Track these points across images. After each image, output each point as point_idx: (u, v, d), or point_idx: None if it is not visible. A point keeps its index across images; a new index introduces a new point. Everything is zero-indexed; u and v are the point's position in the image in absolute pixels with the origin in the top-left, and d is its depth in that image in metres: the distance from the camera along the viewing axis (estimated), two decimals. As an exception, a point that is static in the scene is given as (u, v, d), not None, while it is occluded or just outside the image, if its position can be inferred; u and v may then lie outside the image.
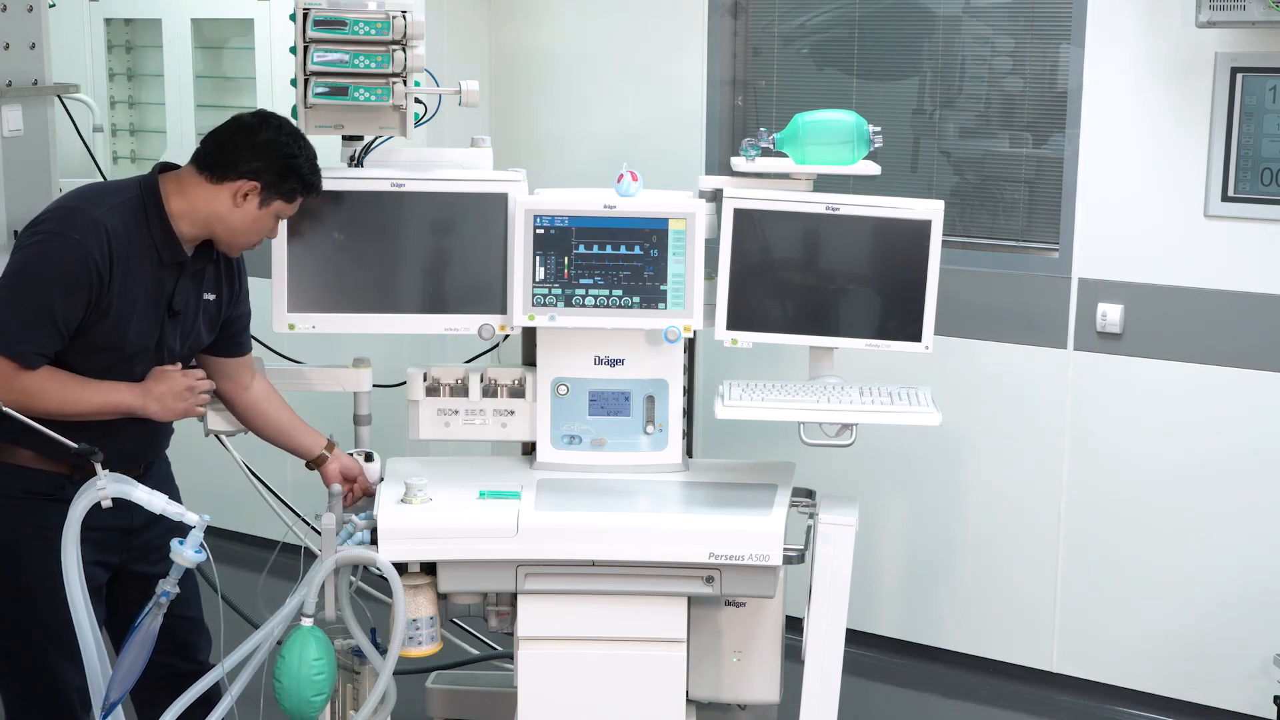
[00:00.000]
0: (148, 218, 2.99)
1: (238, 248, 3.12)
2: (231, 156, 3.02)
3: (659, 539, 3.18)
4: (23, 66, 3.97)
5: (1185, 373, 4.01)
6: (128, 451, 3.06)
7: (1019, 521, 4.29)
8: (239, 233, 3.06)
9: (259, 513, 4.43)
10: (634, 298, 3.38)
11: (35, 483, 2.90)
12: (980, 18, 4.29)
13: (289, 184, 3.06)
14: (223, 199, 3.02)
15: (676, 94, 4.62)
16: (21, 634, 3.00)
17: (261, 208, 3.04)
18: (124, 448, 3.02)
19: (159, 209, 3.00)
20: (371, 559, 3.13)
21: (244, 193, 3.02)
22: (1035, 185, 4.26)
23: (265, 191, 3.03)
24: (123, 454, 3.01)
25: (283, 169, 3.04)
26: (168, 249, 3.01)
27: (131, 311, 2.98)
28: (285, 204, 3.09)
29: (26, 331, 2.89)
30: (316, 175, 3.12)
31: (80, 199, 3.01)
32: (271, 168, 3.02)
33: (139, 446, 3.12)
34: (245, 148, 3.02)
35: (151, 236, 2.99)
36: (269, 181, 3.03)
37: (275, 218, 3.10)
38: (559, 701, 3.27)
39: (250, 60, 4.99)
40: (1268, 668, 3.92)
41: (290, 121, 3.16)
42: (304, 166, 3.07)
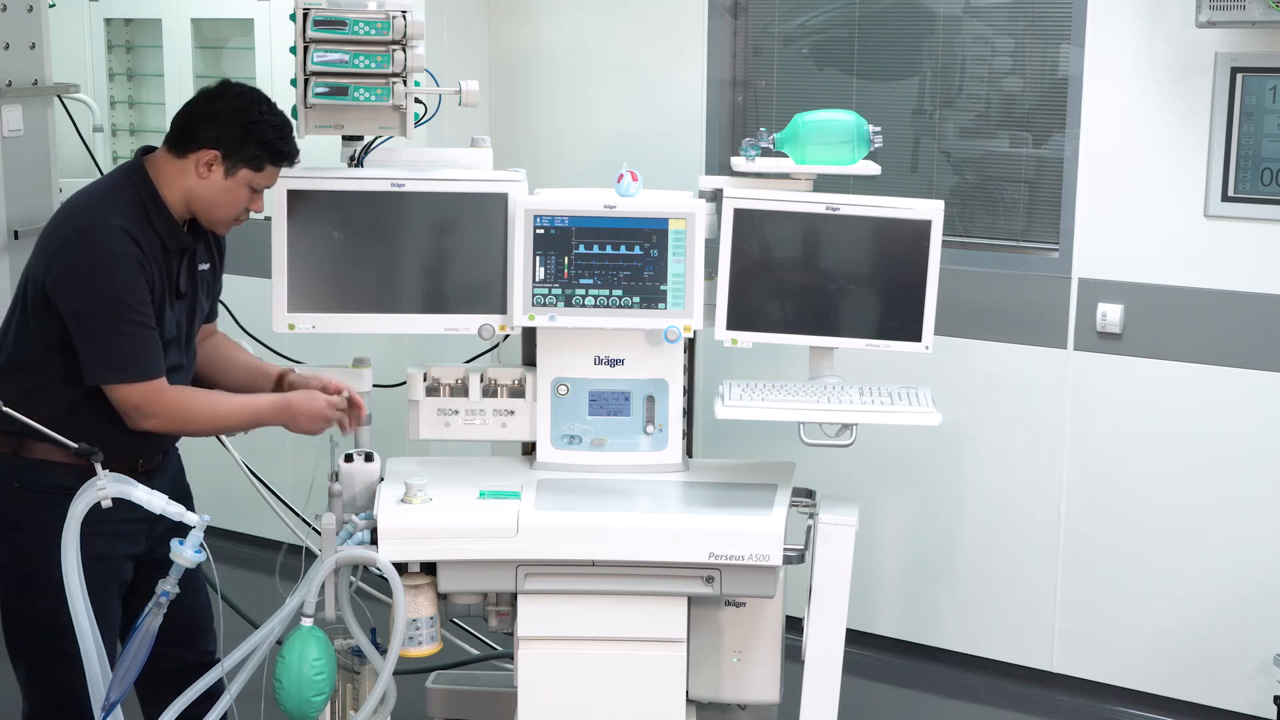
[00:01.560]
0: (147, 211, 3.00)
1: (219, 223, 3.09)
2: (192, 128, 3.02)
3: (659, 539, 3.18)
4: (23, 66, 3.98)
5: (1185, 373, 4.01)
6: (149, 443, 3.06)
7: (1019, 521, 4.29)
8: (212, 206, 3.03)
9: (259, 513, 4.43)
10: (634, 298, 3.38)
11: (66, 478, 2.89)
12: (980, 17, 4.29)
13: (250, 149, 3.01)
14: (189, 172, 3.01)
15: (676, 94, 4.62)
16: (51, 628, 2.98)
17: (227, 177, 3.01)
18: (145, 441, 3.04)
19: (155, 199, 3.01)
20: (371, 559, 3.13)
21: (205, 162, 3.00)
22: (1035, 185, 4.27)
23: (227, 160, 3.00)
24: (144, 446, 3.04)
25: (241, 134, 3.00)
26: (172, 238, 3.02)
27: (161, 309, 3.00)
28: (253, 172, 3.03)
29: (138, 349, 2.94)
30: (285, 141, 3.07)
31: (89, 214, 2.99)
32: (230, 134, 3.00)
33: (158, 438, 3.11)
34: (204, 117, 3.02)
35: (154, 228, 3.00)
36: (229, 149, 3.00)
37: (249, 189, 3.05)
38: (559, 701, 3.26)
39: (250, 60, 4.99)
40: (1268, 668, 3.92)
41: (258, 90, 3.13)
42: (266, 131, 3.03)
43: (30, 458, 2.99)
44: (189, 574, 2.89)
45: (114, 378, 2.94)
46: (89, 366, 2.94)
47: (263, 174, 3.07)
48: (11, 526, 3.03)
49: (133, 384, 2.94)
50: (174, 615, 2.90)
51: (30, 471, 3.00)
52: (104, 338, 2.93)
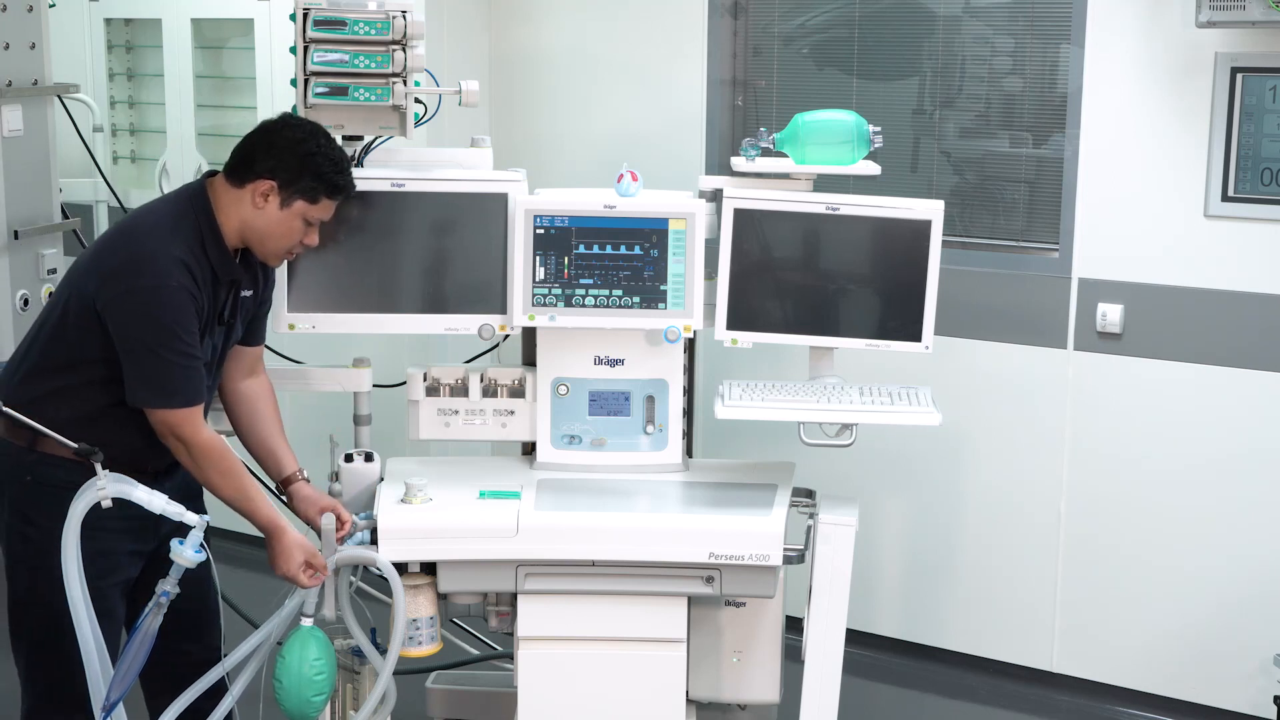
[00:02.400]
0: (204, 240, 3.02)
1: (273, 255, 3.11)
2: (250, 158, 3.04)
3: (659, 539, 3.18)
4: (23, 66, 3.98)
5: (1185, 373, 4.01)
6: (157, 450, 3.06)
7: (1019, 521, 4.29)
8: (266, 237, 3.06)
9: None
10: (634, 298, 3.38)
11: (79, 474, 2.89)
12: (980, 18, 4.29)
13: (305, 181, 3.03)
14: (245, 202, 3.03)
15: (676, 94, 4.62)
16: (58, 623, 2.97)
17: (283, 208, 3.03)
18: (153, 447, 3.04)
19: (214, 229, 3.03)
20: (371, 559, 3.13)
21: (262, 192, 3.02)
22: (1035, 185, 4.26)
23: (283, 190, 3.02)
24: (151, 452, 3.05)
25: (298, 166, 3.03)
26: (224, 269, 3.05)
27: (206, 330, 3.03)
28: (308, 204, 3.06)
29: (185, 379, 2.97)
30: (342, 175, 3.09)
31: (150, 243, 2.99)
32: (286, 165, 3.02)
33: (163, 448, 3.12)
34: (263, 147, 3.04)
35: (209, 258, 3.02)
36: (285, 179, 3.02)
37: (303, 220, 3.07)
38: (559, 701, 3.27)
39: (250, 60, 4.99)
40: (1268, 668, 3.92)
41: (318, 124, 3.15)
42: (323, 164, 3.05)
43: (42, 452, 3.00)
44: (196, 571, 2.89)
45: (158, 403, 2.97)
46: (133, 389, 2.97)
47: (318, 207, 3.08)
48: (23, 519, 3.04)
49: (174, 410, 2.97)
50: (183, 610, 2.91)
51: (42, 466, 3.01)
52: (152, 364, 2.95)
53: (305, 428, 4.78)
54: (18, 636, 3.10)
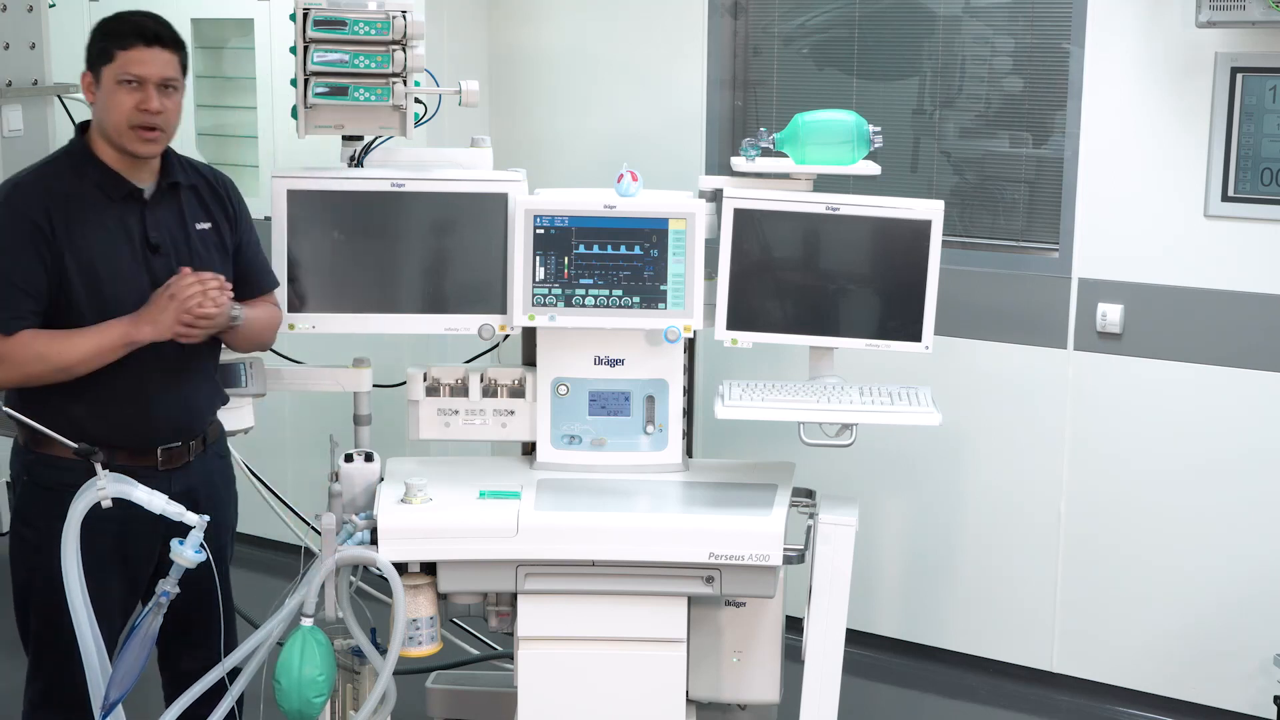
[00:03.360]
0: (78, 167, 3.00)
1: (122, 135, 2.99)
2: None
3: (659, 539, 3.18)
4: (23, 66, 3.98)
5: (1185, 373, 4.01)
6: (164, 422, 3.06)
7: (1019, 521, 4.29)
8: (106, 124, 2.99)
9: (259, 513, 4.43)
10: (634, 298, 3.38)
11: (78, 475, 2.89)
12: (980, 18, 4.29)
13: (96, 48, 3.01)
14: (93, 112, 3.03)
15: (676, 94, 4.62)
16: (58, 621, 2.97)
17: (101, 86, 2.99)
18: (157, 417, 3.04)
19: (88, 154, 3.01)
20: (371, 559, 3.13)
21: (86, 87, 3.03)
22: (1035, 185, 4.26)
23: (92, 70, 3.01)
24: (158, 425, 3.04)
25: (90, 44, 3.02)
26: (110, 185, 3.00)
27: (96, 257, 2.96)
28: (109, 65, 2.97)
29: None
30: (121, 22, 3.01)
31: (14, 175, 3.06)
32: (87, 50, 3.02)
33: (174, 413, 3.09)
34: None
35: (90, 180, 2.99)
36: (89, 61, 3.01)
37: (119, 84, 2.97)
38: (559, 701, 3.27)
39: (250, 60, 4.99)
40: (1268, 668, 3.92)
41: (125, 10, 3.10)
42: (107, 24, 3.02)
43: (41, 453, 3.00)
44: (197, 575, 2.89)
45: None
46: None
47: (117, 63, 2.97)
48: (21, 519, 3.05)
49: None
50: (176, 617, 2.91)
51: (40, 466, 3.01)
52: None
53: (305, 428, 4.79)
54: (25, 631, 3.13)
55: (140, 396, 3.01)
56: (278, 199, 3.38)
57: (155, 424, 3.06)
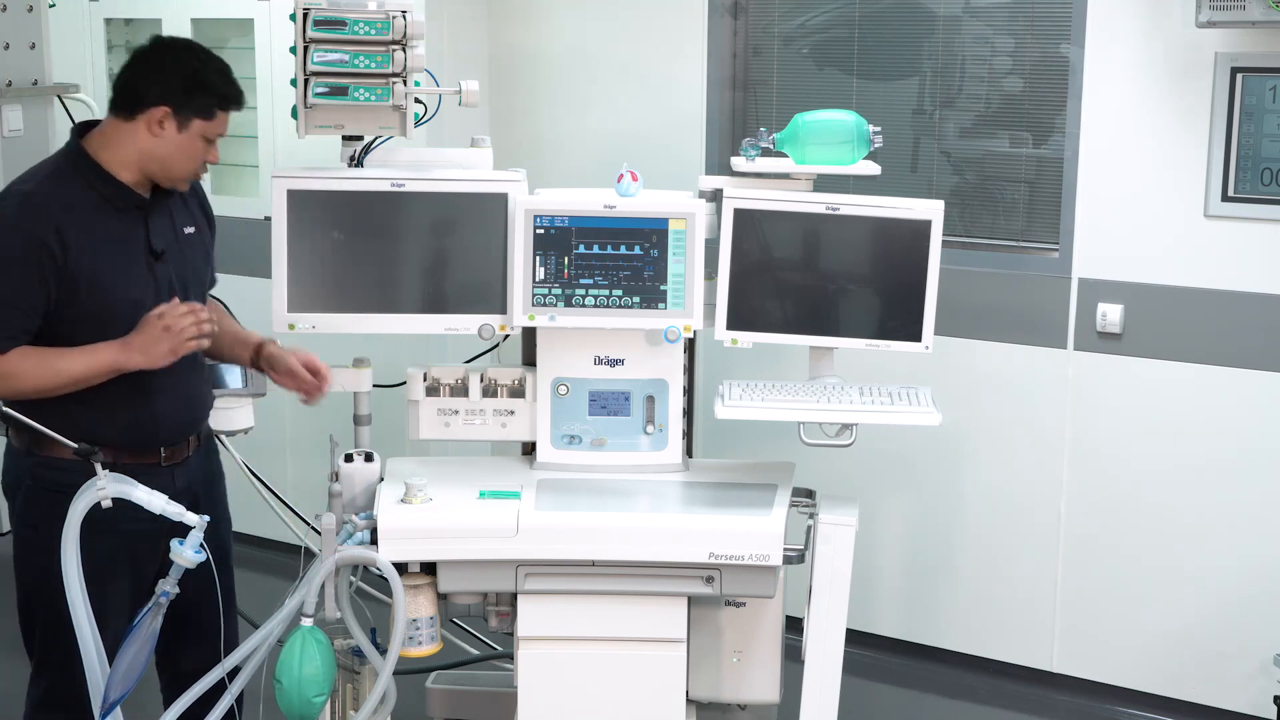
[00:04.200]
0: (84, 177, 2.98)
1: (178, 179, 3.04)
2: (137, 89, 2.98)
3: (659, 539, 3.18)
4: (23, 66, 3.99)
5: (1185, 373, 4.01)
6: (168, 421, 3.07)
7: (1019, 521, 4.29)
8: (170, 162, 3.00)
9: (259, 513, 4.43)
10: (634, 298, 3.38)
11: (80, 476, 2.89)
12: (980, 18, 4.29)
13: (198, 99, 2.98)
14: (141, 135, 2.97)
15: (676, 94, 4.62)
16: (61, 623, 2.97)
17: (181, 131, 2.98)
18: (162, 417, 3.05)
19: (92, 165, 2.98)
20: (371, 559, 3.13)
21: (157, 120, 2.97)
22: (1035, 185, 4.27)
23: (178, 114, 2.97)
24: (162, 425, 3.05)
25: (188, 86, 2.98)
26: (119, 196, 2.99)
27: (103, 269, 2.95)
28: (205, 121, 3.00)
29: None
30: (230, 86, 3.04)
31: (12, 183, 3.01)
32: (176, 87, 2.97)
33: (177, 413, 3.11)
34: (147, 76, 2.99)
35: (96, 191, 2.97)
36: (178, 102, 2.97)
37: (203, 139, 3.01)
38: (559, 701, 3.26)
39: (250, 60, 4.99)
40: (1268, 668, 3.92)
41: (191, 40, 3.12)
42: (213, 79, 3.01)
43: (44, 455, 3.00)
44: (200, 574, 2.89)
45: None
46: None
47: (215, 122, 3.02)
48: (26, 522, 3.05)
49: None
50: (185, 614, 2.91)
51: (43, 469, 3.01)
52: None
53: (305, 428, 4.79)
54: (28, 634, 3.12)
55: (141, 396, 3.02)
56: (278, 199, 3.38)
57: (158, 422, 3.07)
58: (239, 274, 4.64)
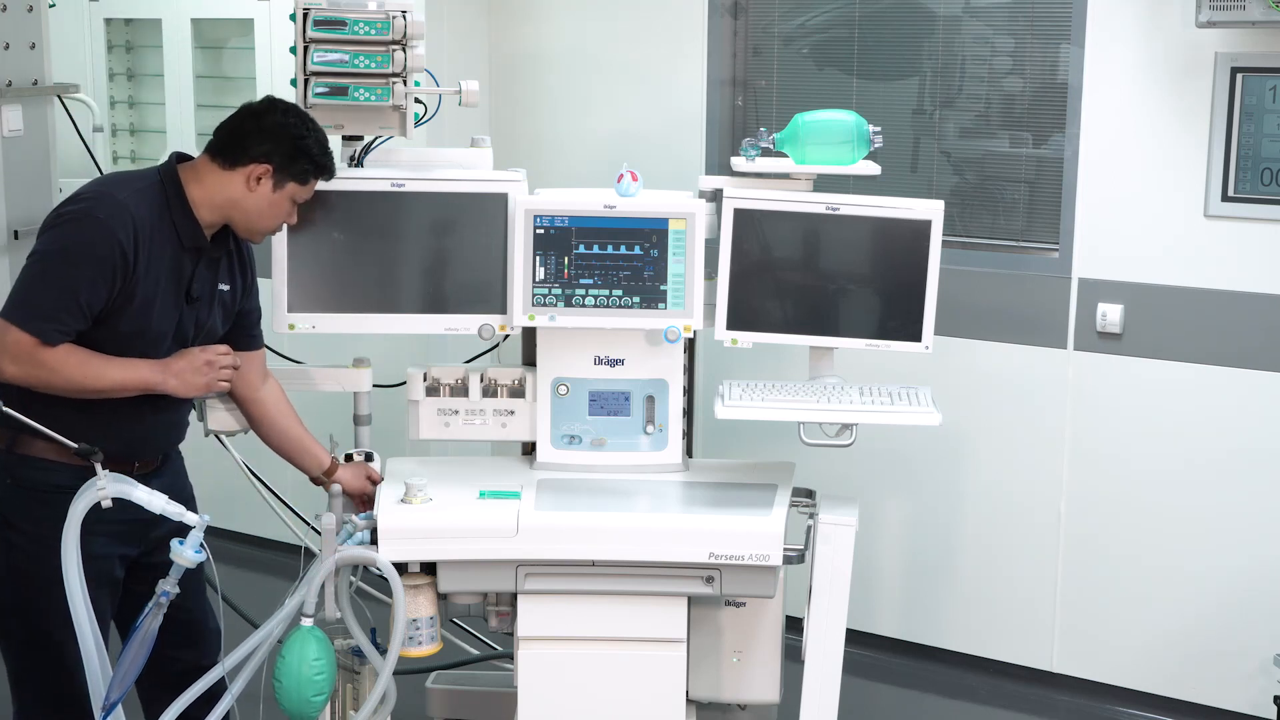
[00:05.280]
0: (169, 202, 3.01)
1: (258, 233, 3.13)
2: (243, 142, 3.05)
3: (659, 539, 3.18)
4: (23, 66, 3.98)
5: (1185, 373, 4.01)
6: (153, 440, 3.09)
7: (1019, 521, 4.29)
8: (256, 217, 3.08)
9: (259, 513, 4.43)
10: (634, 298, 3.38)
11: (61, 476, 2.89)
12: (980, 18, 4.29)
13: (300, 165, 3.07)
14: (237, 184, 3.04)
15: (676, 94, 4.62)
16: (44, 627, 2.98)
17: (276, 190, 3.06)
18: (150, 436, 3.07)
19: (179, 193, 3.03)
20: (371, 559, 3.13)
21: (257, 176, 3.04)
22: (1035, 185, 4.27)
23: (278, 174, 3.05)
24: (147, 442, 3.06)
25: (292, 150, 3.05)
26: (189, 233, 3.03)
27: (155, 295, 2.99)
28: (299, 186, 3.09)
29: (50, 309, 2.90)
30: (327, 156, 3.14)
31: (104, 184, 3.06)
32: (281, 149, 3.04)
33: (163, 434, 3.13)
34: (255, 133, 3.05)
35: (173, 220, 3.01)
36: (280, 163, 3.05)
37: (291, 201, 3.11)
38: (559, 701, 3.26)
39: (250, 60, 4.99)
40: (1268, 668, 3.92)
41: (298, 106, 3.18)
42: (314, 147, 3.09)
43: (24, 454, 2.99)
44: (187, 577, 2.89)
45: (7, 313, 2.92)
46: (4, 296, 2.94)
47: (306, 188, 3.13)
48: (4, 523, 3.02)
49: (18, 328, 2.89)
50: (173, 617, 2.90)
51: (23, 468, 3.00)
52: (31, 276, 2.92)
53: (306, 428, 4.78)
54: (6, 641, 3.09)
55: (142, 415, 3.04)
56: (277, 199, 3.37)
57: (150, 440, 3.10)
58: (239, 274, 4.65)
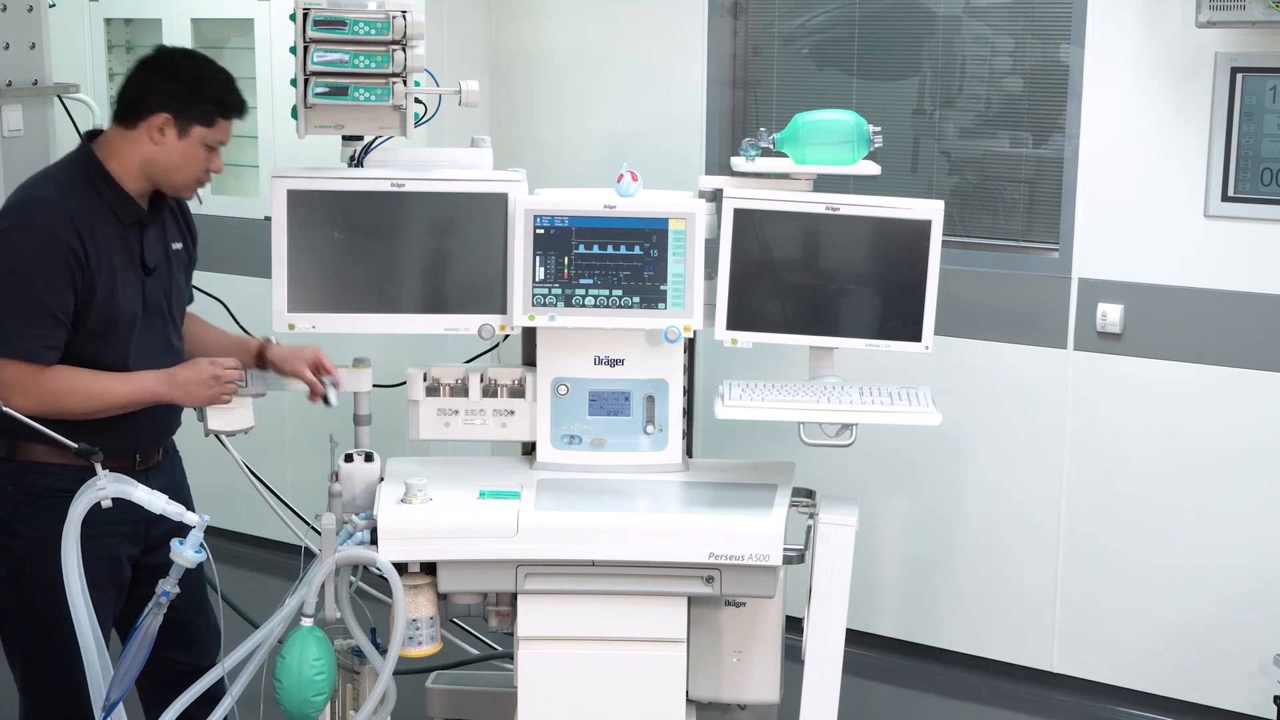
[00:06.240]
0: (94, 185, 2.98)
1: (182, 187, 3.06)
2: (138, 98, 3.00)
3: (659, 539, 3.18)
4: (23, 66, 3.98)
5: (1185, 373, 4.01)
6: (151, 432, 3.08)
7: (1019, 521, 4.29)
8: (172, 170, 3.01)
9: (259, 513, 4.43)
10: (634, 298, 3.38)
11: (63, 479, 2.89)
12: (980, 18, 4.29)
13: (199, 106, 2.99)
14: (144, 142, 2.99)
15: (676, 94, 4.62)
16: (47, 629, 2.98)
17: (182, 138, 2.99)
18: (148, 429, 3.07)
19: (102, 173, 2.99)
20: (371, 559, 3.13)
21: (158, 127, 2.98)
22: (1035, 185, 4.27)
23: (179, 120, 2.98)
24: (147, 435, 3.06)
25: (187, 92, 2.99)
26: (124, 209, 3.00)
27: (115, 282, 2.97)
28: (206, 128, 3.01)
29: (25, 327, 2.88)
30: (230, 93, 3.04)
31: (27, 189, 3.01)
32: (175, 94, 2.98)
33: (158, 429, 3.13)
34: (147, 84, 3.00)
35: (104, 201, 2.98)
36: (178, 109, 2.98)
37: (204, 146, 3.02)
38: (559, 701, 3.27)
39: (250, 60, 4.99)
40: (1268, 668, 3.92)
41: (193, 50, 3.12)
42: (211, 86, 3.02)
43: (24, 460, 2.99)
44: (188, 577, 2.89)
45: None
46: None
47: (215, 129, 3.03)
48: (5, 530, 3.02)
49: (6, 359, 2.88)
50: (170, 619, 2.90)
51: (24, 474, 2.99)
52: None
53: (305, 428, 4.79)
54: (10, 643, 3.10)
55: (131, 415, 3.02)
56: (278, 199, 3.38)
57: (149, 433, 3.09)
58: (239, 274, 4.65)
